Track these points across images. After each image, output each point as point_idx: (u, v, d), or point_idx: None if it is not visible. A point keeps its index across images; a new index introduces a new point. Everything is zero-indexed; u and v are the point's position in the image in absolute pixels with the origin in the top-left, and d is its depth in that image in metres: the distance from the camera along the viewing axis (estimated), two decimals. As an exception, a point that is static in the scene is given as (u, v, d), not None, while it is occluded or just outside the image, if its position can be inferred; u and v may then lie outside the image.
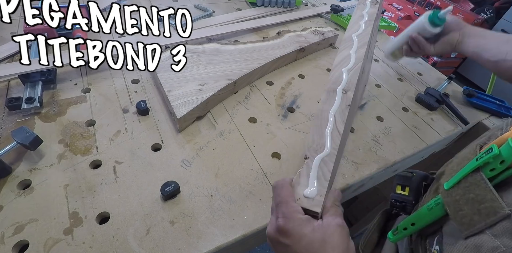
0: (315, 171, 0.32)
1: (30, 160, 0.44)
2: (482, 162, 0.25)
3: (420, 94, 0.70)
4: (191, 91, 0.54)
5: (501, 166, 0.24)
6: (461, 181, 0.27)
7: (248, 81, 0.64)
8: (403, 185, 0.42)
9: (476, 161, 0.26)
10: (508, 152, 0.23)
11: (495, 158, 0.24)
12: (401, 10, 2.39)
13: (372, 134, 0.59)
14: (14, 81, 0.56)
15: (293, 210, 0.29)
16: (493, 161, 0.24)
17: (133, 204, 0.41)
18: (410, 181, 0.42)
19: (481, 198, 0.25)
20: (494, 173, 0.24)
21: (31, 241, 0.36)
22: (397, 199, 0.41)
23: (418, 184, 0.41)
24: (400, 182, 0.43)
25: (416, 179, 0.41)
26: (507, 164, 0.24)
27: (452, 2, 2.16)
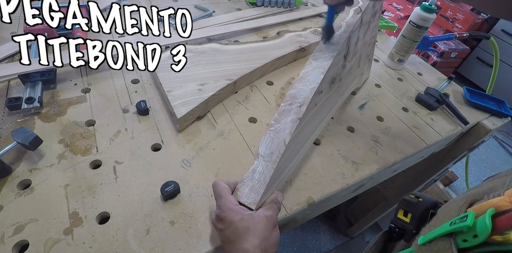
0: (257, 174, 0.38)
1: (30, 160, 0.44)
2: (453, 229, 0.22)
3: (420, 94, 0.70)
4: (191, 91, 0.54)
5: (474, 240, 0.21)
6: (433, 241, 0.24)
7: (248, 81, 0.64)
8: (406, 211, 0.38)
9: (450, 225, 0.23)
10: (482, 227, 0.20)
11: (468, 229, 0.21)
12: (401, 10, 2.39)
13: (372, 134, 0.59)
14: (14, 81, 0.56)
15: (227, 202, 0.35)
16: (467, 232, 0.21)
17: (133, 204, 0.41)
18: (414, 208, 0.37)
19: None
20: (467, 244, 0.21)
21: (31, 241, 0.36)
22: (397, 225, 0.38)
23: (423, 212, 0.36)
24: (403, 206, 0.38)
25: (421, 206, 0.37)
26: (480, 240, 0.20)
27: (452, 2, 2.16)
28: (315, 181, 0.48)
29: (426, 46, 0.82)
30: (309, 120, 0.43)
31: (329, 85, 0.47)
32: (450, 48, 2.04)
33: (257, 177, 0.37)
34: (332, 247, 1.23)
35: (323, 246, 1.23)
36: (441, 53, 2.06)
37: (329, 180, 0.49)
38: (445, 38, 0.82)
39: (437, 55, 2.08)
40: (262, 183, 0.37)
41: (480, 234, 0.20)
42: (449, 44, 2.07)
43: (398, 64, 0.79)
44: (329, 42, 0.47)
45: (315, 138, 0.50)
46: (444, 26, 2.18)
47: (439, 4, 2.15)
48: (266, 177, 0.37)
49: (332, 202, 0.54)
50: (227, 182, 0.38)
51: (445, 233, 0.23)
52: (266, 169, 0.38)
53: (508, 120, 0.72)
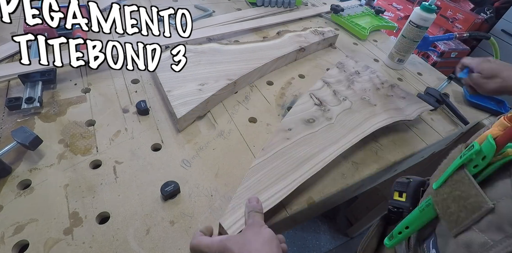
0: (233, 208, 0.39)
1: (30, 160, 0.44)
2: (466, 159, 0.25)
3: (420, 94, 0.70)
4: (191, 91, 0.54)
5: (483, 162, 0.24)
6: (448, 179, 0.27)
7: (248, 81, 0.64)
8: (400, 191, 0.41)
9: (460, 158, 0.26)
10: (488, 148, 0.23)
11: (477, 154, 0.24)
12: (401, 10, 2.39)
13: (372, 134, 0.59)
14: (14, 81, 0.56)
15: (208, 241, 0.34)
16: (476, 157, 0.24)
17: (133, 204, 0.41)
18: (407, 187, 0.41)
19: (466, 194, 0.25)
20: (477, 169, 0.25)
21: (31, 241, 0.36)
22: (394, 206, 0.41)
23: (415, 189, 0.41)
24: (397, 188, 0.42)
25: (413, 185, 0.41)
26: (488, 160, 0.24)
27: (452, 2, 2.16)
28: (315, 181, 0.48)
29: (426, 46, 0.82)
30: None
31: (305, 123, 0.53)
32: (450, 48, 2.04)
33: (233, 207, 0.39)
34: (332, 247, 1.23)
35: (323, 246, 1.23)
36: (441, 53, 2.06)
37: (329, 180, 0.49)
38: (445, 38, 0.82)
39: (437, 55, 2.08)
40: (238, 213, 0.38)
41: (488, 153, 0.23)
42: (449, 44, 2.07)
43: (398, 64, 0.80)
44: None
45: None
46: (444, 26, 2.18)
47: (439, 4, 2.15)
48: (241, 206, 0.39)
49: (332, 202, 0.54)
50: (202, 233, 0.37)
51: (456, 167, 0.26)
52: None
53: (508, 120, 0.72)
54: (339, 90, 0.62)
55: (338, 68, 0.70)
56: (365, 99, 0.61)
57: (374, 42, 0.92)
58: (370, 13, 1.01)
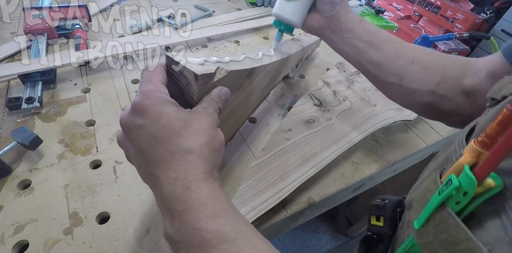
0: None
1: (30, 160, 0.44)
2: (445, 196, 0.22)
3: (420, 94, 0.70)
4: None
5: (465, 198, 0.21)
6: (430, 218, 0.24)
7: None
8: (378, 215, 0.39)
9: (438, 194, 0.23)
10: (468, 183, 0.21)
11: (457, 190, 0.22)
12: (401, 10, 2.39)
13: (372, 134, 0.59)
14: (14, 81, 0.56)
15: (155, 89, 0.26)
16: (456, 193, 0.22)
17: (133, 204, 0.41)
18: (384, 210, 0.39)
19: (454, 238, 0.22)
20: (460, 206, 0.22)
21: (31, 241, 0.36)
22: (373, 232, 0.38)
23: (392, 212, 0.38)
24: (373, 212, 0.40)
25: (389, 207, 0.39)
26: (470, 196, 0.21)
27: (452, 2, 2.16)
28: (315, 181, 0.48)
29: (426, 46, 0.82)
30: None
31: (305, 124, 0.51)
32: (450, 48, 2.04)
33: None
34: (332, 247, 1.23)
35: (323, 246, 1.23)
36: (441, 53, 2.06)
37: (329, 180, 0.49)
38: (445, 38, 0.82)
39: (437, 55, 2.08)
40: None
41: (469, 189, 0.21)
42: (449, 44, 2.07)
43: None
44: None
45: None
46: (444, 26, 2.18)
47: (439, 4, 2.15)
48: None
49: (332, 202, 0.54)
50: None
51: (437, 205, 0.23)
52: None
53: (508, 120, 0.72)
54: (339, 90, 0.62)
55: (338, 68, 0.70)
56: (365, 99, 0.61)
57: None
58: (370, 13, 1.01)
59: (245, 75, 0.37)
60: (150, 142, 0.24)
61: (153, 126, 0.24)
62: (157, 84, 0.27)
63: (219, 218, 0.23)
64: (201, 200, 0.23)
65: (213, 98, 0.29)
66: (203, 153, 0.25)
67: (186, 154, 0.24)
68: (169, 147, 0.24)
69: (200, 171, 0.24)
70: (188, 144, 0.24)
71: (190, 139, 0.25)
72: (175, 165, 0.24)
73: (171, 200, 0.23)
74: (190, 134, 0.25)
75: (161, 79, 0.27)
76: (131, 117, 0.25)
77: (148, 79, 0.27)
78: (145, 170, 0.26)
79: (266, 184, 0.42)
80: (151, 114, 0.24)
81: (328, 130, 0.52)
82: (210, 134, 0.26)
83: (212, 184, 0.24)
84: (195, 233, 0.22)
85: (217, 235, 0.22)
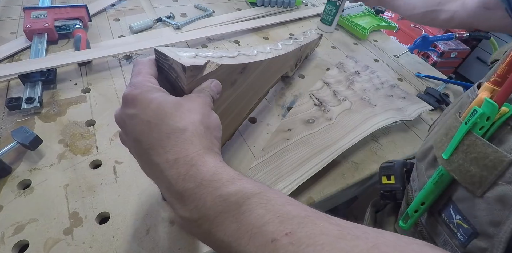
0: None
1: (30, 160, 0.44)
2: (472, 123, 0.27)
3: (420, 94, 0.70)
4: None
5: (488, 123, 0.26)
6: (458, 146, 0.28)
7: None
8: (388, 175, 0.44)
9: (465, 124, 0.27)
10: (490, 108, 0.26)
11: (481, 117, 0.26)
12: (401, 10, 2.39)
13: (372, 134, 0.59)
14: (14, 81, 0.56)
15: (144, 79, 0.26)
16: (480, 120, 0.26)
17: (133, 204, 0.41)
18: (393, 170, 0.43)
19: (483, 154, 0.26)
20: (483, 130, 0.27)
21: (31, 241, 0.36)
22: (386, 189, 0.43)
23: (400, 170, 0.43)
24: (384, 172, 0.44)
25: (397, 167, 0.43)
26: (492, 120, 0.26)
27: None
28: (315, 181, 0.48)
29: (426, 46, 0.82)
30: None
31: (305, 124, 0.52)
32: (450, 48, 2.04)
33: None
34: (332, 247, 1.23)
35: (323, 246, 1.23)
36: (441, 53, 2.06)
37: (329, 180, 0.49)
38: (445, 38, 0.82)
39: (437, 55, 2.08)
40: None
41: (491, 114, 0.26)
42: (449, 44, 2.07)
43: (327, 27, 0.88)
44: None
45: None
46: (444, 26, 2.18)
47: (439, 4, 2.15)
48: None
49: (332, 202, 0.54)
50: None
51: (464, 133, 0.27)
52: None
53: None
54: (339, 90, 0.62)
55: (338, 68, 0.70)
56: (365, 99, 0.61)
57: (374, 42, 0.92)
58: (370, 13, 1.01)
59: (239, 70, 0.37)
60: (144, 128, 0.24)
61: (145, 112, 0.24)
62: (146, 76, 0.26)
63: (236, 181, 0.22)
64: (211, 171, 0.22)
65: (204, 88, 0.29)
66: (197, 130, 0.24)
67: (180, 133, 0.23)
68: (163, 128, 0.23)
69: (199, 147, 0.23)
70: (181, 123, 0.24)
71: (183, 118, 0.24)
72: (173, 145, 0.23)
73: (177, 182, 0.22)
74: (182, 113, 0.24)
75: (150, 72, 0.27)
76: (123, 110, 0.25)
77: (138, 72, 0.27)
78: (146, 161, 0.25)
79: (266, 184, 0.42)
80: (141, 102, 0.24)
81: (328, 130, 0.52)
82: (202, 112, 0.26)
83: (216, 157, 0.24)
84: (217, 201, 0.21)
85: (241, 194, 0.21)
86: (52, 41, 0.66)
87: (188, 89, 0.28)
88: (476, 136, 0.27)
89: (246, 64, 0.38)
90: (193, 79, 0.28)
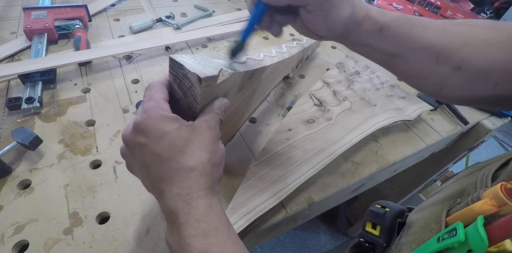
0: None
1: (30, 160, 0.44)
2: (443, 246, 0.19)
3: (420, 94, 0.70)
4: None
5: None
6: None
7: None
8: (374, 223, 0.36)
9: (437, 242, 0.20)
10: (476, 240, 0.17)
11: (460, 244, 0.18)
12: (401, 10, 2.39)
13: (372, 134, 0.59)
14: (14, 81, 0.56)
15: (157, 106, 0.26)
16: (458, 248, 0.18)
17: (133, 204, 0.41)
18: (382, 219, 0.36)
19: None
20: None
21: (31, 241, 0.36)
22: (366, 239, 0.36)
23: (391, 222, 0.35)
24: (370, 218, 0.37)
25: (389, 217, 0.36)
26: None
27: (452, 2, 2.16)
28: (315, 181, 0.48)
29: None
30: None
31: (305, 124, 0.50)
32: (450, 48, 2.04)
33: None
34: (332, 247, 1.23)
35: (323, 246, 1.23)
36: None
37: (329, 180, 0.49)
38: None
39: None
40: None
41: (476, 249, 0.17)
42: (449, 44, 2.06)
43: None
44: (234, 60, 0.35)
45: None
46: (444, 26, 2.18)
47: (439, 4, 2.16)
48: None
49: (332, 202, 0.54)
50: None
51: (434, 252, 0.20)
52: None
53: (508, 120, 0.72)
54: (339, 90, 0.62)
55: (338, 68, 0.70)
56: (365, 99, 0.61)
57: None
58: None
59: (248, 76, 0.37)
60: (155, 159, 0.25)
61: (156, 145, 0.25)
62: (159, 102, 0.27)
63: (208, 237, 0.24)
64: (197, 216, 0.24)
65: (214, 110, 0.29)
66: (204, 169, 0.26)
67: (189, 171, 0.25)
68: (173, 165, 0.25)
69: (202, 187, 0.25)
70: (191, 162, 0.25)
71: (193, 156, 0.25)
72: (179, 181, 0.25)
73: (172, 213, 0.24)
74: (193, 151, 0.26)
75: (162, 96, 0.28)
76: (134, 136, 0.26)
77: (150, 97, 0.27)
78: (151, 184, 0.27)
79: (266, 184, 0.42)
80: (154, 134, 0.25)
81: (328, 130, 0.52)
82: (211, 149, 0.27)
83: (211, 200, 0.25)
84: (185, 248, 0.23)
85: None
86: (52, 41, 0.66)
87: (201, 99, 0.29)
88: None
89: (255, 70, 0.38)
90: (207, 89, 0.28)
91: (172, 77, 0.29)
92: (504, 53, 0.27)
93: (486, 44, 0.28)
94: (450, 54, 0.29)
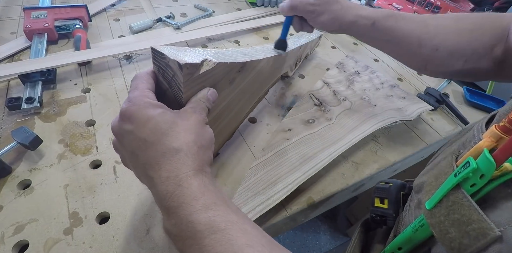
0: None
1: (30, 160, 0.44)
2: (461, 177, 0.23)
3: (420, 94, 0.70)
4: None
5: (481, 181, 0.21)
6: (443, 199, 0.25)
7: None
8: (382, 198, 0.40)
9: (454, 176, 0.24)
10: (486, 165, 0.21)
11: (474, 172, 0.22)
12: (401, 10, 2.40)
13: (372, 134, 0.59)
14: (14, 81, 0.56)
15: (141, 94, 0.27)
16: (472, 176, 0.22)
17: (133, 204, 0.41)
18: (388, 193, 0.40)
19: (467, 218, 0.22)
20: (475, 188, 0.22)
21: (31, 241, 0.36)
22: (377, 213, 0.39)
23: (396, 194, 0.39)
24: (378, 194, 0.41)
25: (393, 190, 0.40)
26: (487, 178, 0.21)
27: (452, 2, 2.16)
28: (315, 181, 0.48)
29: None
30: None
31: (305, 124, 0.53)
32: (450, 48, 2.04)
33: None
34: (332, 247, 1.23)
35: (323, 246, 1.23)
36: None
37: (329, 180, 0.49)
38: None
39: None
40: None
41: (487, 172, 0.21)
42: (449, 44, 2.06)
43: None
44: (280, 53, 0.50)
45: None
46: (444, 26, 2.18)
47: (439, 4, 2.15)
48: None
49: (332, 202, 0.54)
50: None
51: (452, 187, 0.24)
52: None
53: (508, 120, 0.72)
54: (339, 90, 0.62)
55: (338, 68, 0.70)
56: (365, 99, 0.61)
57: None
58: (370, 13, 1.01)
59: (237, 69, 0.37)
60: (141, 145, 0.25)
61: (141, 130, 0.25)
62: (144, 90, 0.28)
63: (209, 210, 0.24)
64: (192, 195, 0.24)
65: (200, 99, 0.30)
66: (190, 149, 0.26)
67: (175, 152, 0.25)
68: (159, 148, 0.25)
69: (190, 168, 0.25)
70: (177, 143, 0.25)
71: (178, 138, 0.25)
72: (166, 164, 0.25)
73: (165, 198, 0.24)
74: (178, 133, 0.26)
75: (147, 85, 0.28)
76: (120, 124, 0.27)
77: (135, 87, 0.28)
78: (141, 172, 0.27)
79: (266, 184, 0.42)
80: (138, 119, 0.25)
81: (328, 130, 0.52)
82: (197, 131, 0.27)
83: (203, 179, 0.25)
84: (188, 226, 0.23)
85: (208, 226, 0.23)
86: (52, 41, 0.66)
87: (185, 88, 0.29)
88: (464, 194, 0.23)
89: (244, 63, 0.38)
90: (190, 77, 0.28)
91: (156, 68, 0.29)
92: (468, 37, 0.39)
93: (455, 31, 0.40)
94: (428, 40, 0.41)
